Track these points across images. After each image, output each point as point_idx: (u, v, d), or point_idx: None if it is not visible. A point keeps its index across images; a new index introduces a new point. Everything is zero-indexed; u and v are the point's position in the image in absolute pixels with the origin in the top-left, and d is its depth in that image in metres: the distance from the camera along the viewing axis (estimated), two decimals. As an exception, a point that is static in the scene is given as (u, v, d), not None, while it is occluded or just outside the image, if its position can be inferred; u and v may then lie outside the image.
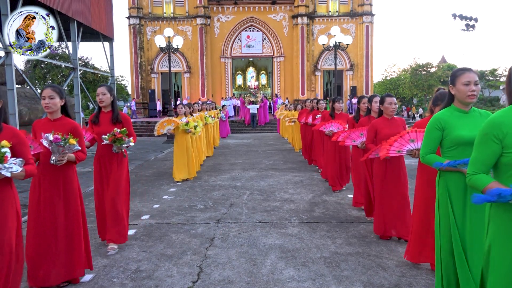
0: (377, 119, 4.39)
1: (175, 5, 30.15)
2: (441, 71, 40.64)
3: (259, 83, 34.96)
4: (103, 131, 4.02)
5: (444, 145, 2.72)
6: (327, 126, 6.39)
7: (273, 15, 30.47)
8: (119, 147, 4.04)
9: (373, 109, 4.88)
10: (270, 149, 13.49)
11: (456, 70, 2.72)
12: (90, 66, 32.91)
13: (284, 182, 7.63)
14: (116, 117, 4.11)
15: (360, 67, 30.41)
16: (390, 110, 4.22)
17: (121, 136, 3.98)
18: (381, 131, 4.20)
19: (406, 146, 3.42)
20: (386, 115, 4.28)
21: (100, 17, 17.12)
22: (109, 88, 4.14)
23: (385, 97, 4.28)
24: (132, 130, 4.20)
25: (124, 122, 4.14)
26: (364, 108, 5.43)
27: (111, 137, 3.95)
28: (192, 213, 5.47)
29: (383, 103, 4.27)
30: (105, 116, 4.15)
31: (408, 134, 3.38)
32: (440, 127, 2.68)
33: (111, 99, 4.13)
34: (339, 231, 4.64)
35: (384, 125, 4.24)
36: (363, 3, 29.81)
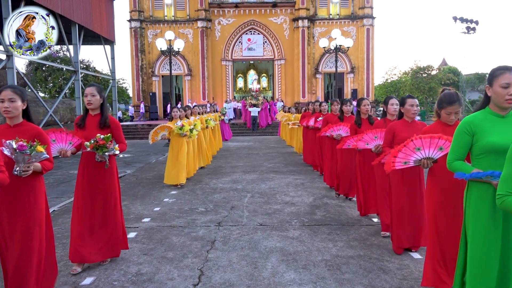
0: (396, 121, 4.10)
1: (176, 8, 30.22)
2: (442, 73, 40.63)
3: (260, 86, 35.00)
4: (89, 136, 3.61)
5: (474, 152, 2.45)
6: (335, 129, 6.05)
7: (274, 18, 30.52)
8: (102, 155, 3.59)
9: (389, 111, 4.58)
10: (271, 151, 13.49)
11: (495, 69, 2.41)
12: (91, 69, 32.97)
13: (285, 184, 7.62)
14: (104, 121, 3.73)
15: (361, 69, 30.43)
16: (411, 112, 3.92)
17: (104, 143, 3.54)
18: (399, 134, 3.91)
19: (412, 156, 3.08)
20: (406, 117, 3.99)
21: (102, 20, 17.18)
22: (98, 88, 3.81)
23: (406, 99, 3.97)
24: (122, 136, 3.87)
25: (112, 127, 3.78)
26: (365, 111, 5.23)
27: (93, 143, 3.53)
28: (193, 216, 5.47)
29: (404, 104, 3.96)
30: (92, 120, 3.77)
31: (413, 141, 3.03)
32: (470, 131, 2.41)
33: (101, 101, 3.78)
34: (340, 234, 4.63)
35: (403, 128, 3.95)
36: (364, 6, 29.86)
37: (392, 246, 4.04)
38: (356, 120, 5.32)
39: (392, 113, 4.53)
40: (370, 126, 5.02)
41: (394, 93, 41.23)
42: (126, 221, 5.24)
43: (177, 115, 7.75)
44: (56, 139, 3.45)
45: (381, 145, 4.27)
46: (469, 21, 21.17)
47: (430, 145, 2.98)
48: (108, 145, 3.57)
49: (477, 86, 44.57)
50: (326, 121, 6.84)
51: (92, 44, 19.57)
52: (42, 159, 2.83)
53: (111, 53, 18.89)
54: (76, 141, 3.55)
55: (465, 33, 21.35)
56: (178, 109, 8.00)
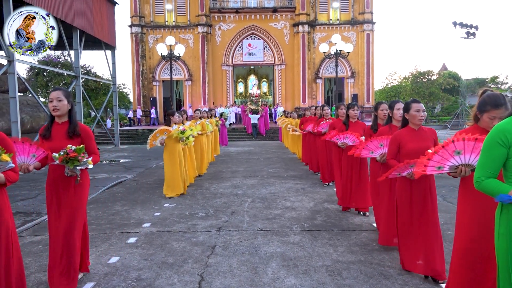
0: (400, 130, 3.64)
1: (177, 14, 30.38)
2: (442, 78, 40.70)
3: (261, 91, 35.07)
4: (56, 148, 3.15)
5: (509, 167, 2.06)
6: (341, 137, 5.47)
7: (274, 23, 30.66)
8: (72, 169, 3.14)
9: (395, 116, 4.20)
10: (271, 156, 13.49)
11: None
12: (92, 74, 33.07)
13: (285, 189, 7.61)
14: (74, 129, 3.30)
15: (361, 74, 30.51)
16: (417, 118, 3.50)
17: (75, 156, 3.08)
18: (406, 145, 3.51)
19: (449, 161, 2.58)
20: (412, 124, 3.56)
21: (103, 26, 17.25)
22: (66, 93, 3.34)
23: (411, 103, 3.54)
24: (94, 147, 3.43)
25: (83, 136, 3.34)
26: (383, 116, 4.76)
27: (62, 156, 3.08)
28: (193, 221, 5.46)
29: (409, 110, 3.53)
30: (59, 129, 3.31)
31: (453, 143, 2.53)
32: (506, 142, 2.02)
33: (69, 107, 3.33)
34: (341, 239, 4.61)
35: (409, 137, 3.53)
36: (364, 12, 29.99)
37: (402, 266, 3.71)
38: (372, 125, 4.86)
39: (398, 119, 4.15)
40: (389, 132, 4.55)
41: (394, 98, 41.27)
42: (126, 226, 5.24)
43: (176, 120, 7.30)
44: (17, 151, 2.93)
45: None
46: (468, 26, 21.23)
47: (473, 149, 2.52)
48: (80, 158, 3.11)
49: (477, 91, 44.60)
50: (332, 127, 6.33)
51: (93, 49, 19.64)
52: (7, 169, 2.53)
53: (112, 58, 18.94)
54: (40, 153, 3.04)
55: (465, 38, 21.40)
56: (179, 114, 7.58)
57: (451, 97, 39.78)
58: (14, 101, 11.26)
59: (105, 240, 4.66)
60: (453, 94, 40.38)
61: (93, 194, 7.46)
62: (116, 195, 7.42)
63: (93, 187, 8.25)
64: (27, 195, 7.58)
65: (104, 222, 5.48)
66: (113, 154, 15.48)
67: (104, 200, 6.93)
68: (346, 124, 5.67)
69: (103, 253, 4.23)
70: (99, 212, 6.05)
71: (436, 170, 2.68)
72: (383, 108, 4.73)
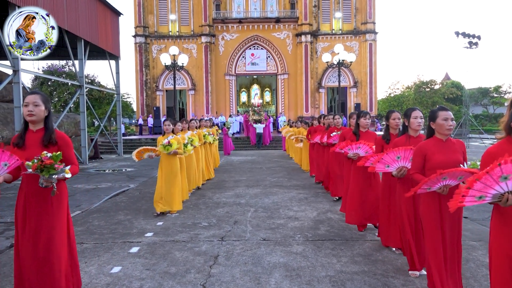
0: (426, 141, 3.29)
1: (181, 24, 30.66)
2: (445, 88, 40.72)
3: (263, 100, 35.19)
4: (31, 157, 2.77)
5: None
6: (353, 147, 5.08)
7: (277, 33, 30.87)
8: (48, 179, 2.74)
9: (412, 125, 3.85)
10: (274, 166, 13.47)
11: None
12: (96, 83, 33.29)
13: (288, 199, 7.59)
14: (49, 137, 2.95)
15: (364, 84, 30.58)
16: (445, 128, 3.14)
17: (51, 163, 2.70)
18: (432, 157, 3.16)
19: (494, 188, 2.08)
20: (439, 135, 3.21)
21: (107, 36, 17.41)
22: (43, 97, 2.99)
23: (438, 111, 3.21)
24: (73, 156, 3.06)
25: (61, 144, 2.99)
26: (395, 125, 4.44)
27: (36, 163, 2.68)
28: (196, 231, 5.44)
29: (435, 119, 3.19)
30: (33, 137, 2.96)
31: (500, 167, 2.01)
32: None
33: (46, 113, 2.99)
34: (344, 249, 4.58)
35: (436, 148, 3.18)
36: (366, 22, 30.17)
37: None
38: (384, 135, 4.48)
39: (416, 128, 3.84)
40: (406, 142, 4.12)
41: (397, 107, 41.25)
42: (129, 235, 5.22)
43: (170, 129, 6.62)
44: None
45: (405, 168, 3.59)
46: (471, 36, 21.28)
47: None
48: (56, 166, 2.74)
49: (480, 100, 44.56)
50: (343, 136, 5.93)
51: (97, 59, 19.80)
52: None
53: (116, 68, 19.09)
54: (13, 162, 2.67)
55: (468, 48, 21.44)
56: (171, 122, 6.75)
57: (454, 106, 39.75)
58: (18, 111, 11.33)
59: (107, 249, 4.65)
60: (456, 103, 40.35)
61: (96, 204, 7.46)
62: (119, 204, 7.42)
63: (96, 196, 8.26)
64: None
65: (106, 231, 5.47)
66: (116, 163, 15.50)
67: (107, 209, 6.93)
68: (357, 134, 5.34)
69: (105, 262, 4.22)
70: (101, 222, 6.04)
71: (476, 201, 2.21)
72: (395, 117, 4.46)
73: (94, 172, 12.70)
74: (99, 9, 16.63)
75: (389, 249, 4.50)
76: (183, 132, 7.79)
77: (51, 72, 30.72)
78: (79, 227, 5.70)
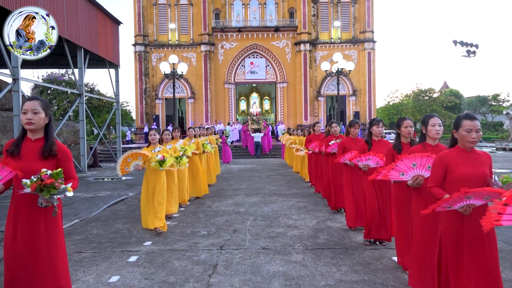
0: (449, 151, 2.96)
1: (180, 33, 30.84)
2: (443, 96, 40.89)
3: (263, 108, 35.27)
4: (25, 169, 2.55)
5: None
6: (363, 159, 4.75)
7: (276, 42, 31.04)
8: (48, 200, 2.51)
9: (430, 134, 3.55)
10: (273, 174, 13.46)
11: None
12: (95, 92, 33.37)
13: (287, 207, 7.57)
14: (50, 148, 2.70)
15: (363, 92, 30.69)
16: (470, 138, 2.82)
17: (52, 182, 2.46)
18: (455, 169, 2.83)
19: None
20: (463, 145, 2.88)
21: (107, 45, 17.49)
22: (44, 104, 2.75)
23: (462, 120, 2.86)
24: (73, 170, 2.83)
25: (60, 157, 2.75)
26: (407, 134, 4.16)
27: (36, 183, 2.44)
28: (195, 239, 5.42)
29: (459, 128, 2.87)
30: (31, 146, 2.70)
31: None
32: None
33: (46, 120, 2.75)
34: (344, 258, 4.56)
35: (460, 160, 2.85)
36: (365, 30, 30.37)
37: None
38: (395, 145, 4.18)
39: (434, 137, 3.54)
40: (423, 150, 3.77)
41: (396, 115, 41.37)
42: (128, 244, 5.20)
43: (157, 139, 6.08)
44: None
45: (421, 176, 3.28)
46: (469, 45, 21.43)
47: None
48: (57, 185, 2.49)
49: (479, 108, 44.71)
50: (342, 146, 5.70)
51: (97, 67, 19.88)
52: None
53: (116, 76, 19.15)
54: (6, 175, 2.47)
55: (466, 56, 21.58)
56: (156, 131, 6.20)
57: (453, 114, 39.85)
58: (18, 119, 11.34)
59: (105, 258, 4.62)
60: (455, 111, 40.47)
61: (95, 212, 7.43)
62: (117, 213, 7.39)
63: (94, 204, 8.23)
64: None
65: (105, 240, 5.45)
66: (115, 172, 15.46)
67: (105, 218, 6.90)
68: (369, 143, 4.94)
69: (103, 272, 4.19)
70: (100, 230, 6.01)
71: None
72: (407, 124, 4.17)
73: (93, 181, 12.67)
74: (99, 18, 16.73)
75: None
76: (174, 141, 7.45)
77: (50, 81, 30.82)
78: (78, 236, 5.67)
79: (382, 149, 4.66)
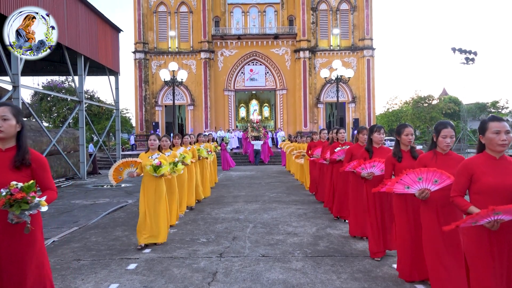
0: (475, 157, 2.72)
1: (180, 40, 30.96)
2: (442, 103, 40.99)
3: (262, 115, 35.33)
4: None
5: None
6: (367, 166, 4.51)
7: (275, 49, 31.16)
8: (18, 216, 2.29)
9: (440, 145, 3.34)
10: (273, 181, 13.44)
11: None
12: (95, 99, 33.42)
13: (287, 214, 7.55)
14: (23, 157, 2.49)
15: (362, 99, 30.75)
16: (497, 143, 2.57)
17: (23, 197, 2.25)
18: (481, 178, 2.58)
19: None
20: (491, 151, 2.64)
21: (107, 52, 17.55)
22: (15, 110, 2.54)
23: (488, 122, 2.63)
24: (50, 180, 2.62)
25: (35, 167, 2.54)
26: (408, 142, 4.03)
27: (4, 198, 2.25)
28: (194, 247, 5.39)
29: (485, 131, 2.64)
30: (2, 157, 2.49)
31: None
32: None
33: (18, 128, 2.54)
34: (344, 265, 4.53)
35: (487, 168, 2.59)
36: (364, 38, 30.51)
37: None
38: (395, 152, 4.04)
39: (444, 149, 3.34)
40: (413, 161, 3.75)
41: (395, 122, 41.41)
42: (127, 252, 5.17)
43: (155, 145, 5.78)
44: None
45: (428, 190, 3.14)
46: (467, 52, 21.53)
47: None
48: (29, 199, 2.27)
49: (478, 115, 44.82)
50: (350, 153, 5.49)
51: (97, 75, 19.94)
52: None
53: (116, 83, 19.20)
54: None
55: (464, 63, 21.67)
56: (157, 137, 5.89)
57: (452, 121, 39.95)
58: (17, 126, 11.33)
59: (104, 266, 4.60)
60: (454, 118, 40.56)
61: (94, 219, 7.41)
62: (116, 220, 7.37)
63: (93, 212, 8.21)
64: (27, 220, 7.51)
65: (104, 247, 5.42)
66: (114, 179, 15.44)
67: (104, 226, 6.87)
68: (370, 151, 4.73)
69: (102, 279, 4.16)
70: (99, 238, 5.99)
71: None
72: (408, 132, 4.03)
73: (92, 188, 12.64)
74: (100, 25, 16.81)
75: None
76: (175, 148, 7.43)
77: (50, 88, 30.87)
78: (76, 244, 5.65)
79: (383, 157, 4.43)
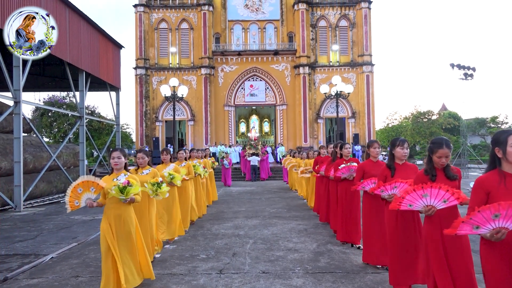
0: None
1: (181, 56, 31.25)
2: (442, 118, 41.09)
3: (262, 130, 35.40)
4: None
5: None
6: (388, 188, 3.81)
7: (275, 65, 31.42)
8: None
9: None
10: (273, 196, 13.39)
11: None
12: (96, 114, 33.54)
13: (288, 230, 7.50)
14: None
15: (362, 114, 30.87)
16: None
17: None
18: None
19: None
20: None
21: (108, 68, 17.71)
22: None
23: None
24: None
25: None
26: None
27: None
28: (194, 263, 5.34)
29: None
30: None
31: None
32: None
33: None
34: (345, 282, 4.49)
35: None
36: (363, 54, 30.79)
37: None
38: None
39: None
40: (448, 181, 3.20)
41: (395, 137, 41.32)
42: (126, 268, 5.11)
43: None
44: None
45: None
46: (466, 68, 21.66)
47: None
48: None
49: (478, 130, 44.87)
50: (361, 170, 4.99)
51: (98, 90, 20.06)
52: None
53: (116, 99, 19.31)
54: None
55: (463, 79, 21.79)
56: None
57: (452, 136, 39.96)
58: (18, 142, 11.36)
59: (103, 283, 4.54)
60: (454, 133, 40.60)
61: (93, 235, 7.35)
62: (116, 236, 7.30)
63: (93, 227, 8.15)
64: (25, 236, 7.47)
65: (103, 264, 5.37)
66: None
67: (103, 241, 6.81)
68: (392, 168, 4.10)
69: (100, 297, 4.11)
70: (98, 254, 5.93)
71: None
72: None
73: (92, 203, 12.55)
74: (101, 42, 16.99)
75: None
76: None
77: (51, 103, 31.00)
78: (75, 260, 5.60)
79: (408, 175, 3.92)
